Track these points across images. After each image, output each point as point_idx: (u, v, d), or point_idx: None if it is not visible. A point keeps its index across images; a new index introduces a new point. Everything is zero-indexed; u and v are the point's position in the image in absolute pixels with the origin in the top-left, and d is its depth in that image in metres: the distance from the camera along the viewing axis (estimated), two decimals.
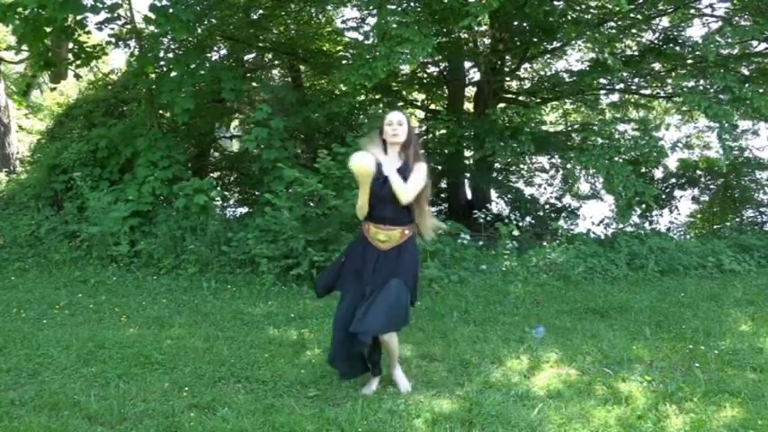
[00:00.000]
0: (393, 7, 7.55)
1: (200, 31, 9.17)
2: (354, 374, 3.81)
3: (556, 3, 8.68)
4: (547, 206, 11.37)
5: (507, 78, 10.85)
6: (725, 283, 6.53)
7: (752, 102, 7.12)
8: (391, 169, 3.48)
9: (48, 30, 7.45)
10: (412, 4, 8.11)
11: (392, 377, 3.82)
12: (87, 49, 8.18)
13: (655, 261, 7.00)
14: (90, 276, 6.78)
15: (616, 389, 3.75)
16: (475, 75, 11.16)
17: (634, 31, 9.45)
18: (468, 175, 10.73)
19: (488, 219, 8.05)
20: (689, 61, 8.60)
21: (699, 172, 10.88)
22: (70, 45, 8.48)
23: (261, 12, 9.65)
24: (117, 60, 13.67)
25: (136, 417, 3.40)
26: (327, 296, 5.99)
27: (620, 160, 7.82)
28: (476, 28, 6.42)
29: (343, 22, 10.70)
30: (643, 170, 10.48)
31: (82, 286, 6.53)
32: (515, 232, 7.33)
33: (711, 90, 8.01)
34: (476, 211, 8.21)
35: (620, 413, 3.41)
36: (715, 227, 10.06)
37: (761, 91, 7.42)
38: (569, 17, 8.37)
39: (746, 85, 7.38)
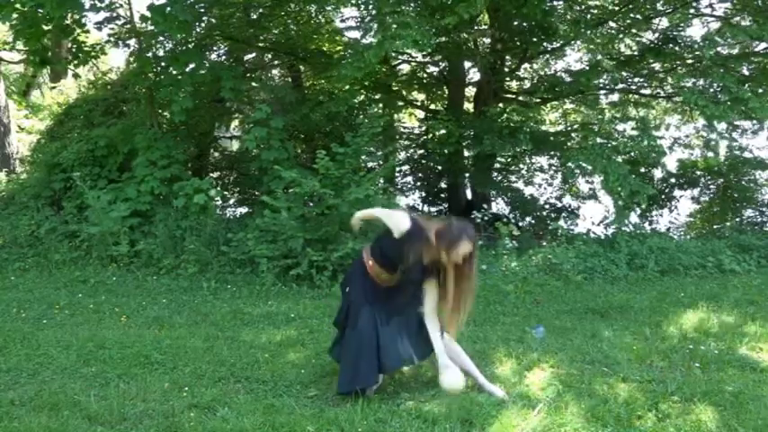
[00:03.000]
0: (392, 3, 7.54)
1: (199, 30, 9.17)
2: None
3: (556, 2, 8.69)
4: (547, 206, 11.36)
5: (507, 78, 10.85)
6: (725, 283, 6.52)
7: (747, 102, 7.13)
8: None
9: (46, 28, 7.45)
10: (412, 5, 8.12)
11: (485, 388, 3.72)
12: (86, 49, 8.18)
13: (655, 261, 6.99)
14: (90, 276, 6.78)
15: (616, 389, 3.75)
16: (475, 75, 11.16)
17: (634, 30, 9.46)
18: (467, 175, 10.73)
19: (487, 219, 8.04)
20: (689, 61, 8.60)
21: (698, 172, 10.88)
22: (69, 44, 8.49)
23: (260, 11, 9.65)
24: (116, 59, 13.65)
25: (136, 417, 3.40)
26: (329, 296, 6.07)
27: (620, 159, 7.82)
28: (475, 28, 6.43)
29: (343, 20, 10.71)
30: (642, 170, 10.50)
31: (82, 286, 6.53)
32: (515, 232, 7.33)
33: (711, 90, 8.01)
34: (474, 212, 8.20)
35: (620, 413, 3.41)
36: (715, 227, 10.06)
37: (760, 91, 7.42)
38: (568, 17, 8.38)
39: (746, 85, 7.38)
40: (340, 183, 6.78)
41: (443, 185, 11.59)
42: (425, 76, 11.44)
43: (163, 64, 8.65)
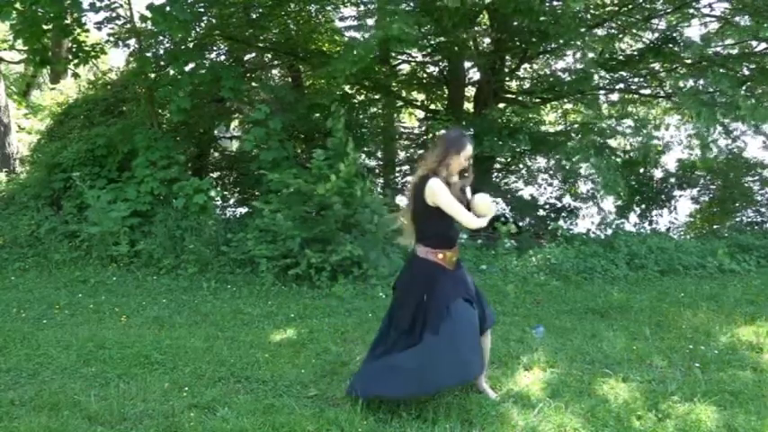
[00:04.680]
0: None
1: (199, 30, 9.16)
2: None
3: (555, 3, 8.67)
4: (546, 206, 11.36)
5: (507, 78, 10.84)
6: (725, 283, 6.53)
7: (739, 108, 7.14)
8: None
9: (46, 27, 7.45)
10: (411, 4, 8.12)
11: (480, 387, 3.74)
12: (86, 48, 8.18)
13: (655, 261, 7.00)
14: (90, 276, 6.78)
15: (616, 389, 3.75)
16: (475, 75, 11.16)
17: (633, 30, 9.45)
18: (467, 174, 10.70)
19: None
20: (688, 61, 8.60)
21: (698, 172, 10.87)
22: (69, 44, 8.48)
23: (260, 11, 9.65)
24: (116, 59, 13.67)
25: (136, 417, 3.40)
26: (328, 296, 6.07)
27: (618, 156, 7.85)
28: (475, 28, 6.43)
29: (342, 19, 10.69)
30: (642, 170, 10.50)
31: (82, 286, 6.53)
32: (512, 229, 7.31)
33: (711, 90, 8.01)
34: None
35: (621, 413, 3.41)
36: (714, 227, 10.06)
37: (752, 96, 7.43)
38: (566, 17, 8.36)
39: (744, 86, 7.39)
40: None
41: None
42: (425, 76, 11.43)
43: (162, 63, 8.64)
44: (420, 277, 3.53)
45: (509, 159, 11.48)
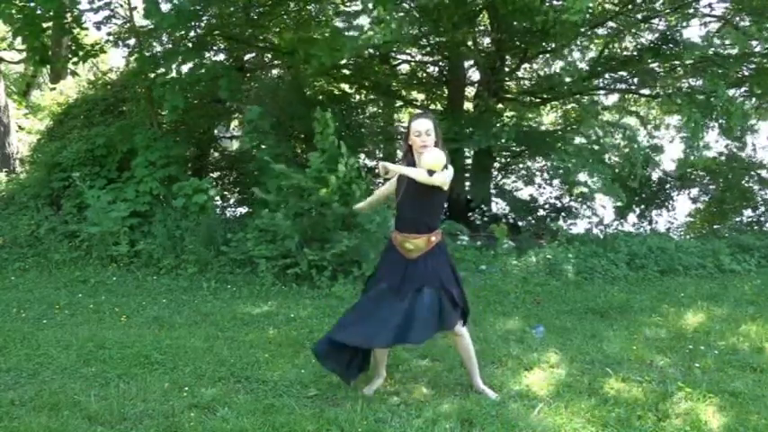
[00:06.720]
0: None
1: (198, 31, 9.15)
2: (345, 371, 3.70)
3: (556, 2, 8.67)
4: (546, 206, 11.36)
5: (507, 78, 10.84)
6: (725, 283, 6.54)
7: (731, 114, 7.16)
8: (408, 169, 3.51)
9: (45, 25, 7.45)
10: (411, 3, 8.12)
11: (479, 388, 3.73)
12: (85, 47, 8.17)
13: (655, 261, 7.00)
14: (90, 276, 6.78)
15: (616, 389, 3.75)
16: (475, 75, 11.16)
17: (633, 30, 9.46)
18: (467, 174, 10.70)
19: (485, 219, 8.04)
20: (688, 62, 8.60)
21: (698, 172, 10.86)
22: (69, 42, 8.48)
23: (260, 11, 9.64)
24: (116, 59, 13.66)
25: (136, 417, 3.40)
26: (328, 296, 6.07)
27: (616, 155, 7.86)
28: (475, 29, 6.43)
29: (343, 21, 10.65)
30: (640, 170, 10.48)
31: (82, 286, 6.53)
32: (505, 230, 7.30)
33: (706, 93, 8.00)
34: (471, 213, 8.19)
35: (620, 413, 3.41)
36: (715, 227, 10.07)
37: (751, 97, 7.44)
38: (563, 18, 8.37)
39: (732, 91, 7.42)
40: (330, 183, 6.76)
41: None
42: (425, 75, 11.43)
43: (161, 62, 8.64)
44: (385, 248, 3.85)
45: (508, 159, 11.48)
